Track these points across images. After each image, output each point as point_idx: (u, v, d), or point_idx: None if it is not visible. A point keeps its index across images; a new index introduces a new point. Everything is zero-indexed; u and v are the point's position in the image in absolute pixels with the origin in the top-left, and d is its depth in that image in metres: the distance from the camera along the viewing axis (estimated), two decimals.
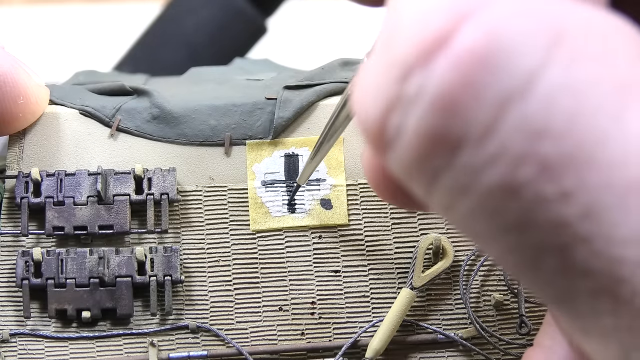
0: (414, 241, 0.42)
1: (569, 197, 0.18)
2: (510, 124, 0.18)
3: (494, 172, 0.18)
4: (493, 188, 0.18)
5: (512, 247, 0.19)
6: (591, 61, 0.18)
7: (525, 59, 0.18)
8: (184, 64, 0.56)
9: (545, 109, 0.18)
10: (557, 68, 0.18)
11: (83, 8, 1.12)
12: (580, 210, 0.18)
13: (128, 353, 0.41)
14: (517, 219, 0.19)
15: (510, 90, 0.18)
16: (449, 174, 0.19)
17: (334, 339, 0.41)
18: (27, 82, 0.40)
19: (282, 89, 0.43)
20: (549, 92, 0.18)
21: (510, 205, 0.18)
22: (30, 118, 0.41)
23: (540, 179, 0.18)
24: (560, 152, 0.18)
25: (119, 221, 0.41)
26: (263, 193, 0.42)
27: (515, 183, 0.18)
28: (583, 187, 0.18)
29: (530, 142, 0.18)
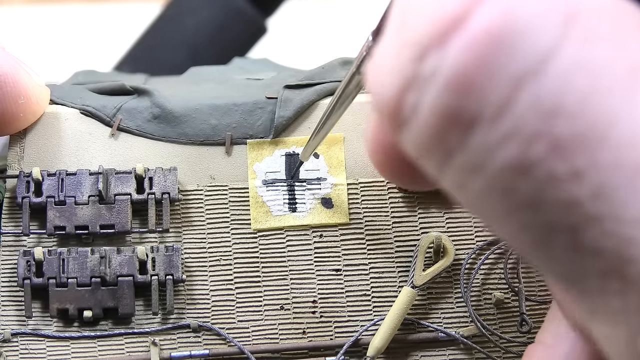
0: (414, 240, 0.42)
1: (580, 176, 0.18)
2: (524, 103, 0.18)
3: (507, 151, 0.19)
4: (506, 167, 0.19)
5: (524, 226, 0.19)
6: (604, 42, 0.18)
7: (540, 38, 0.18)
8: (184, 64, 0.56)
9: (559, 88, 0.18)
10: (571, 48, 0.18)
11: (83, 8, 1.12)
12: (591, 190, 0.18)
13: (130, 352, 0.41)
14: (528, 198, 0.19)
15: (524, 69, 0.18)
16: (463, 152, 0.19)
17: (335, 338, 0.41)
18: (27, 82, 0.40)
19: (282, 88, 0.43)
20: (563, 72, 0.18)
21: (522, 184, 0.19)
22: (31, 118, 0.42)
23: (553, 158, 0.18)
24: (572, 131, 0.18)
25: (120, 220, 0.41)
26: (264, 192, 0.42)
27: (527, 162, 0.18)
28: (594, 167, 0.18)
29: (544, 121, 0.18)
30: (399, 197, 0.42)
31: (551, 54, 0.18)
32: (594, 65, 0.18)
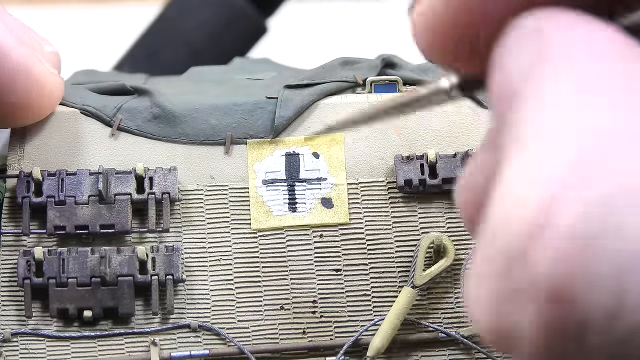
0: (414, 240, 0.42)
1: None
2: (635, 300, 0.17)
3: (634, 348, 0.17)
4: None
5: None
6: None
7: (633, 232, 0.16)
8: (184, 64, 0.56)
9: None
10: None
11: (83, 9, 1.12)
12: None
13: (129, 352, 0.41)
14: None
15: (624, 268, 0.17)
16: (583, 356, 0.18)
17: (335, 338, 0.41)
18: (41, 72, 0.40)
19: (282, 88, 0.43)
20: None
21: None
22: (46, 109, 0.41)
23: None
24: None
25: (120, 220, 0.41)
26: (264, 192, 0.42)
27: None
28: None
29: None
30: (399, 197, 0.42)
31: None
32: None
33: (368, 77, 0.44)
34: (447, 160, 0.42)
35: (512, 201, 0.18)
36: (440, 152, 0.42)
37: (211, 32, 0.67)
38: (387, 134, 0.43)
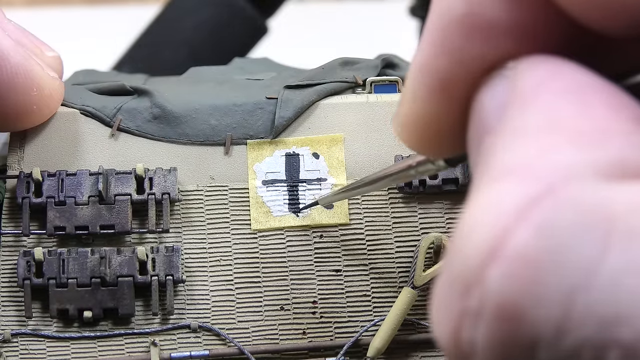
0: (415, 240, 0.42)
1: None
2: (581, 318, 0.18)
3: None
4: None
5: None
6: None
7: (581, 251, 0.18)
8: (184, 64, 0.56)
9: (612, 295, 0.17)
10: (615, 253, 0.17)
11: (83, 9, 1.12)
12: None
13: (130, 353, 0.41)
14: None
15: (571, 286, 0.18)
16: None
17: (335, 338, 0.41)
18: (40, 74, 0.40)
19: (282, 89, 0.43)
20: (612, 278, 0.17)
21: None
22: (46, 112, 0.41)
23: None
24: (637, 334, 0.17)
25: (120, 221, 0.41)
26: (264, 192, 0.42)
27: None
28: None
29: (607, 330, 0.17)
30: (399, 197, 0.42)
31: (595, 264, 0.17)
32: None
33: (368, 78, 0.44)
34: None
35: (470, 229, 0.19)
36: None
37: (211, 32, 0.67)
38: (387, 134, 0.43)
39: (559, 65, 0.20)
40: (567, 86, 0.20)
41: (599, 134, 0.19)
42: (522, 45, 0.21)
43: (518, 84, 0.20)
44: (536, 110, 0.20)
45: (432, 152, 0.25)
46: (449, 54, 0.22)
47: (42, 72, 0.40)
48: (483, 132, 0.21)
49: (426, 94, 0.23)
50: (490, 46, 0.21)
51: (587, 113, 0.19)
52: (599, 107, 0.19)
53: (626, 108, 0.20)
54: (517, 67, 0.21)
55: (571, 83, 0.20)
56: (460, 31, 0.22)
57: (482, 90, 0.22)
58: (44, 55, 0.42)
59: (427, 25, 0.22)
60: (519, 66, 0.21)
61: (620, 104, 0.20)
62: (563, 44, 0.21)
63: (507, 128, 0.20)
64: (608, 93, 0.20)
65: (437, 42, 0.22)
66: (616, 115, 0.19)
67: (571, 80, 0.20)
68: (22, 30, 0.42)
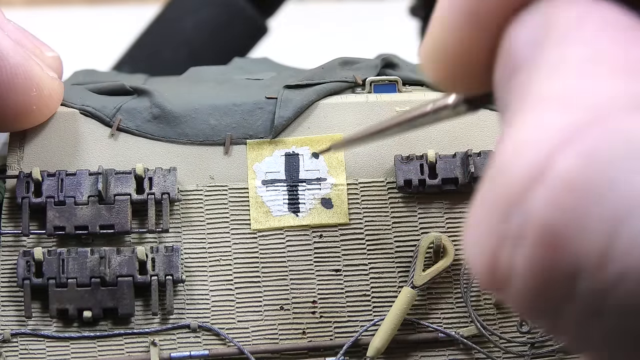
0: (414, 240, 0.42)
1: None
2: (626, 245, 0.17)
3: (622, 294, 0.17)
4: (624, 308, 0.18)
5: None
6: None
7: (629, 180, 0.17)
8: (184, 64, 0.56)
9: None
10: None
11: (83, 9, 1.12)
12: None
13: (129, 352, 0.41)
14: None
15: (617, 214, 0.17)
16: (572, 303, 0.18)
17: (335, 338, 0.41)
18: (40, 75, 0.40)
19: (282, 89, 0.43)
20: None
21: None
22: (45, 112, 0.41)
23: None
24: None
25: (120, 221, 0.41)
26: (264, 192, 0.42)
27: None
28: None
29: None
30: (399, 197, 0.42)
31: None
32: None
33: (368, 77, 0.44)
34: (447, 160, 0.42)
35: (514, 150, 0.19)
36: (440, 153, 0.42)
37: (211, 32, 0.67)
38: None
39: (594, 2, 0.20)
40: (606, 21, 0.19)
41: (638, 66, 0.18)
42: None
43: (554, 19, 0.20)
44: (577, 43, 0.19)
45: (457, 85, 0.24)
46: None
47: (42, 73, 0.40)
48: (515, 67, 0.21)
49: (456, 20, 0.22)
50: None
51: (629, 46, 0.19)
52: (636, 42, 0.19)
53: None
54: (552, 3, 0.20)
55: (609, 18, 0.20)
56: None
57: (514, 25, 0.21)
58: (44, 55, 0.42)
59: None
60: (554, 2, 0.20)
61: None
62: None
63: (546, 61, 0.19)
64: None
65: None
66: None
67: (609, 16, 0.20)
68: (21, 30, 0.42)
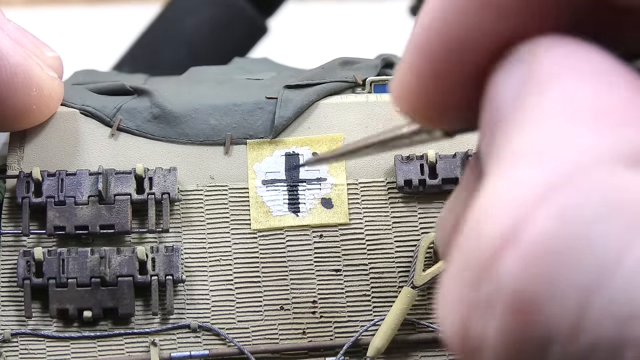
0: (414, 240, 0.42)
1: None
2: (598, 316, 0.17)
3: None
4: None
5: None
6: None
7: (603, 244, 0.17)
8: (184, 64, 0.56)
9: (632, 292, 0.16)
10: (638, 247, 0.17)
11: (83, 9, 1.12)
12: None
13: (129, 352, 0.41)
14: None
15: (589, 282, 0.17)
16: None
17: (335, 338, 0.41)
18: (39, 74, 0.40)
19: (282, 89, 0.43)
20: (633, 274, 0.16)
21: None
22: (45, 111, 0.41)
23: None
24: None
25: (120, 221, 0.41)
26: (264, 192, 0.42)
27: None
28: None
29: (624, 329, 0.17)
30: (399, 197, 0.42)
31: (617, 258, 0.17)
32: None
33: (368, 77, 0.44)
34: (447, 160, 0.42)
35: (485, 212, 0.18)
36: (440, 153, 0.42)
37: (211, 32, 0.67)
38: None
39: (575, 48, 0.20)
40: (584, 70, 0.19)
41: (619, 118, 0.18)
42: (534, 23, 0.20)
43: (535, 68, 0.20)
44: (555, 95, 0.19)
45: (431, 122, 0.24)
46: (459, 22, 0.21)
47: (42, 72, 0.40)
48: (499, 117, 0.20)
49: (430, 59, 0.21)
50: (502, 21, 0.20)
51: (606, 97, 0.18)
52: (617, 91, 0.19)
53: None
54: (532, 51, 0.20)
55: (588, 67, 0.19)
56: (472, 3, 0.20)
57: (497, 74, 0.21)
58: (44, 55, 0.42)
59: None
60: (534, 49, 0.20)
61: (638, 87, 0.19)
62: (576, 20, 0.20)
63: (525, 113, 0.19)
64: (625, 76, 0.19)
65: (447, 7, 0.21)
66: (635, 99, 0.18)
67: (588, 64, 0.19)
68: (21, 30, 0.42)
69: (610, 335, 0.17)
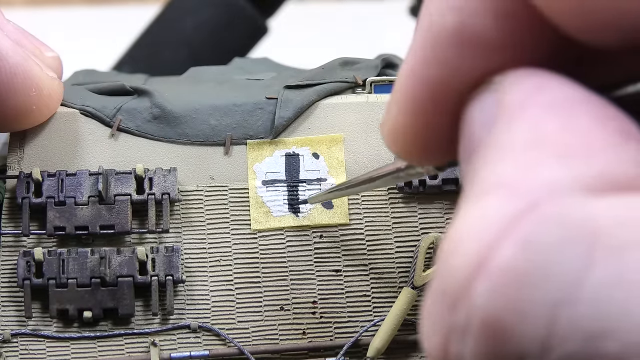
0: (415, 240, 0.42)
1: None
2: (566, 332, 0.18)
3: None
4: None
5: None
6: (632, 249, 0.18)
7: (565, 266, 0.18)
8: (184, 64, 0.56)
9: (596, 309, 0.17)
10: (600, 266, 0.17)
11: (83, 10, 1.12)
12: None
13: (129, 353, 0.41)
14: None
15: (556, 300, 0.18)
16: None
17: (335, 338, 0.41)
18: (39, 75, 0.40)
19: (282, 89, 0.43)
20: (596, 292, 0.17)
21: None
22: (45, 112, 0.41)
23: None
24: (623, 347, 0.17)
25: (120, 221, 0.41)
26: (264, 192, 0.42)
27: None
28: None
29: (592, 344, 0.17)
30: (399, 198, 0.42)
31: (580, 278, 0.17)
32: (628, 275, 0.17)
33: (368, 78, 0.44)
34: None
35: (457, 242, 0.19)
36: None
37: (211, 32, 0.67)
38: None
39: (545, 78, 0.20)
40: (553, 100, 0.20)
41: (584, 148, 0.19)
42: (512, 58, 0.21)
43: (505, 98, 0.20)
44: (522, 125, 0.20)
45: (420, 160, 0.25)
46: (439, 65, 0.22)
47: (41, 73, 0.40)
48: (473, 146, 0.21)
49: (415, 102, 0.23)
50: (481, 59, 0.21)
51: (572, 127, 0.19)
52: (584, 121, 0.19)
53: (612, 120, 0.20)
54: (504, 81, 0.21)
55: (557, 96, 0.20)
56: (451, 43, 0.21)
57: (471, 104, 0.22)
58: (44, 55, 0.42)
59: (416, 31, 0.22)
60: (506, 80, 0.21)
61: (607, 116, 0.20)
62: (552, 54, 0.21)
63: (494, 143, 0.20)
64: (594, 106, 0.20)
65: (427, 52, 0.22)
66: (602, 129, 0.19)
67: (557, 94, 0.20)
68: (21, 30, 0.42)
69: (580, 351, 0.18)
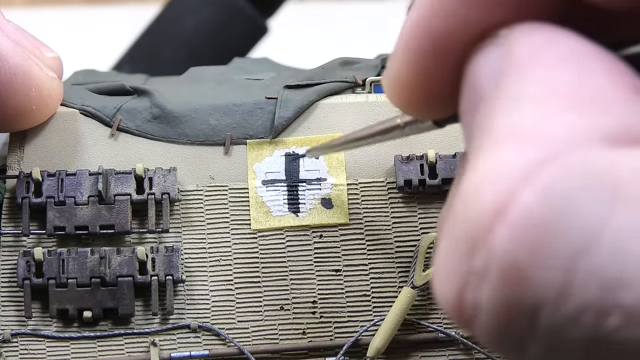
0: (414, 240, 0.42)
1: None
2: (583, 281, 0.18)
3: (581, 328, 0.18)
4: (584, 342, 0.18)
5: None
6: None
7: (587, 215, 0.18)
8: (184, 63, 0.56)
9: (615, 259, 0.18)
10: (619, 217, 0.18)
11: (83, 10, 1.12)
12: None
13: (129, 353, 0.41)
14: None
15: (575, 249, 0.18)
16: (535, 337, 0.19)
17: (335, 338, 0.41)
18: (39, 75, 0.40)
19: (282, 89, 0.43)
20: (615, 242, 0.18)
21: (605, 354, 0.18)
22: (45, 112, 0.41)
23: (630, 327, 0.18)
24: (638, 298, 0.17)
25: (120, 221, 0.41)
26: (264, 192, 0.42)
27: (604, 334, 0.18)
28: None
29: (609, 294, 0.18)
30: (399, 197, 0.42)
31: (600, 227, 0.18)
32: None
33: (368, 77, 0.44)
34: (447, 160, 0.42)
35: (476, 187, 0.19)
36: (440, 153, 0.42)
37: (211, 32, 0.67)
38: None
39: (555, 32, 0.20)
40: (564, 53, 0.20)
41: (600, 100, 0.19)
42: (518, 12, 0.21)
43: (513, 51, 0.20)
44: (534, 77, 0.20)
45: (421, 113, 0.25)
46: (446, 16, 0.22)
47: (41, 73, 0.40)
48: (478, 99, 0.21)
49: (419, 53, 0.23)
50: (487, 12, 0.21)
51: (586, 80, 0.19)
52: (597, 75, 0.19)
53: (624, 76, 0.20)
54: (512, 34, 0.21)
55: (567, 50, 0.20)
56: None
57: (476, 57, 0.22)
58: (43, 55, 0.42)
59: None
60: (513, 33, 0.21)
61: (618, 72, 0.20)
62: (560, 13, 0.21)
63: (505, 95, 0.20)
64: (605, 61, 0.20)
65: (434, 2, 0.22)
66: (615, 83, 0.19)
67: (567, 47, 0.20)
68: (21, 31, 0.42)
69: (596, 301, 0.18)
